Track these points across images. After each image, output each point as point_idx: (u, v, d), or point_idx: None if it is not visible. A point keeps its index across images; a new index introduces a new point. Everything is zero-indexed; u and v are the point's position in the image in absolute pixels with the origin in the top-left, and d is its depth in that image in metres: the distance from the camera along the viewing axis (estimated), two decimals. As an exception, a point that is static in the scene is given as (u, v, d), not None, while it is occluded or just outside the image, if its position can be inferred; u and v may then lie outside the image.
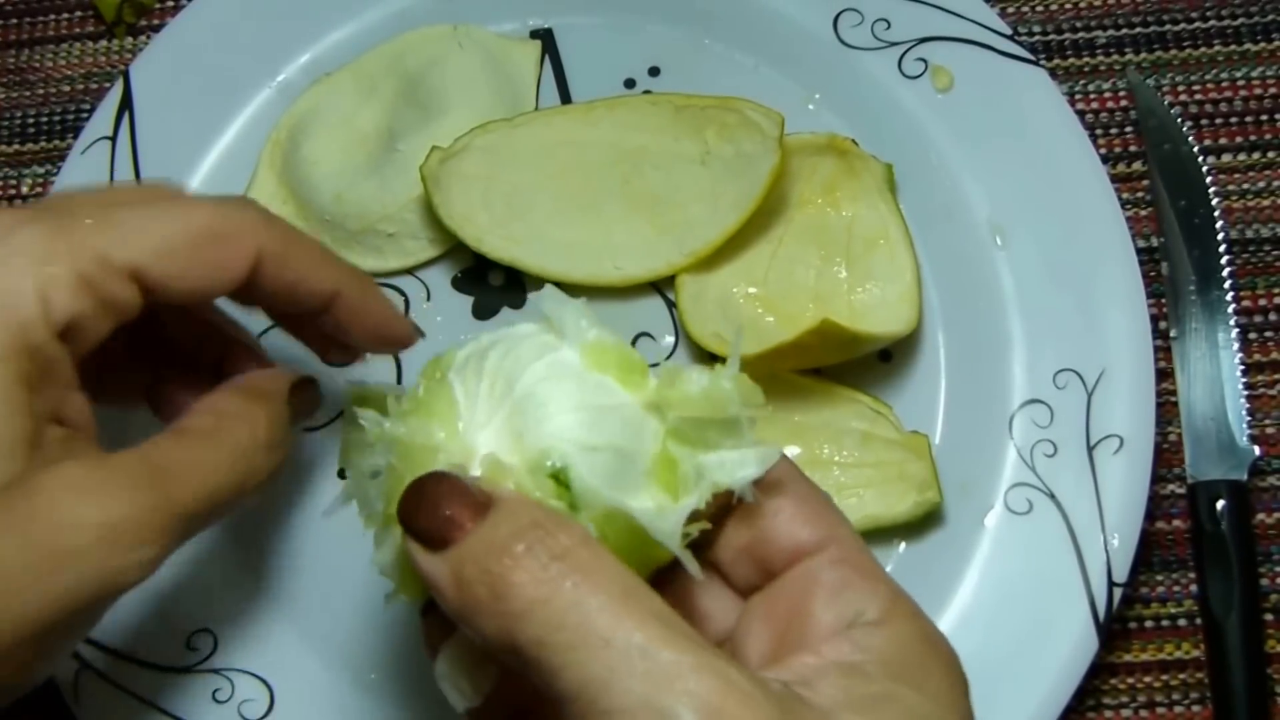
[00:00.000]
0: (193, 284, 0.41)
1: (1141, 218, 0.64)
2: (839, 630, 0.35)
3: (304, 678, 0.56)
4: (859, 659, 0.34)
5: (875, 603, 0.36)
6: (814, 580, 0.37)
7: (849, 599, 0.36)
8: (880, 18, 0.62)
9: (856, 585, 0.36)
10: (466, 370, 0.39)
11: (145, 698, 0.55)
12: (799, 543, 0.38)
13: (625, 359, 0.39)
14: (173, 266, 0.40)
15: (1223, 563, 0.57)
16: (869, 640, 0.35)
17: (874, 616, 0.35)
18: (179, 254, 0.41)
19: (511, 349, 0.39)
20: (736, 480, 0.37)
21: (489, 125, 0.61)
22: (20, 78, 0.70)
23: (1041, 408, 0.57)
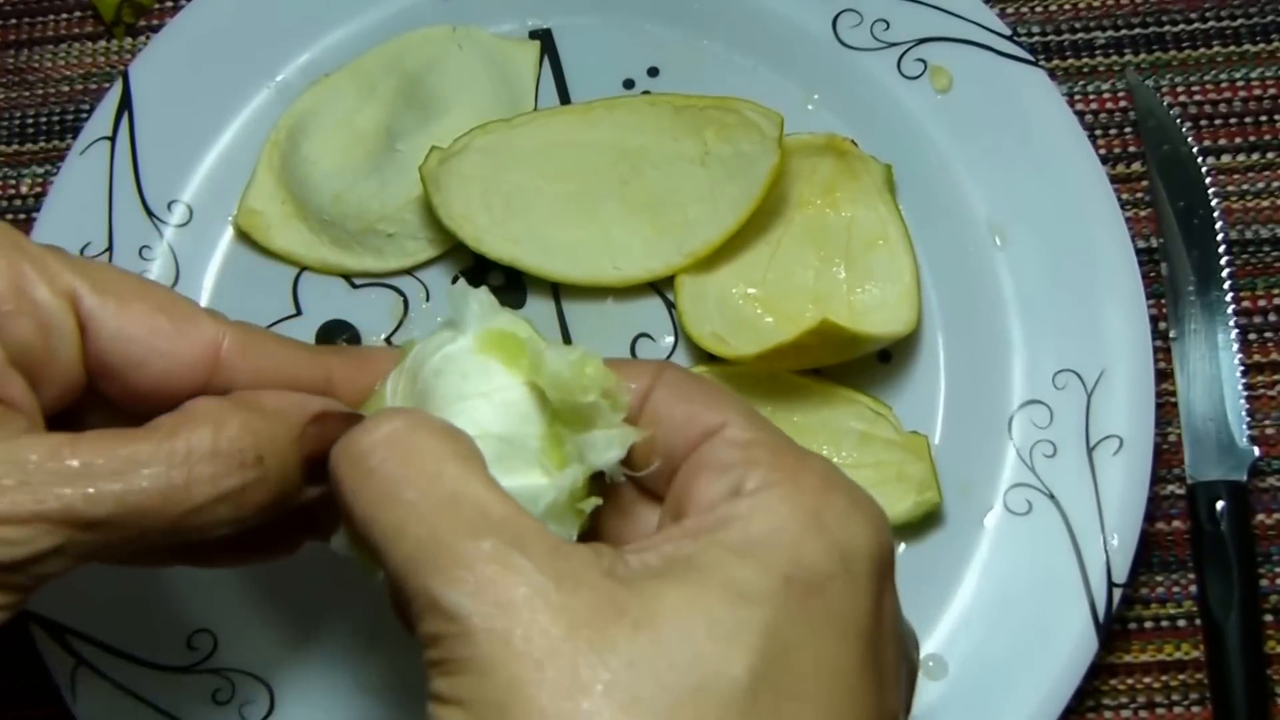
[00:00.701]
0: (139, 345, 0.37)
1: (1141, 218, 0.64)
2: (713, 504, 0.35)
3: (305, 679, 0.56)
4: (705, 527, 0.34)
5: (756, 472, 0.35)
6: (702, 462, 0.36)
7: (732, 473, 0.35)
8: (879, 18, 0.62)
9: (738, 458, 0.35)
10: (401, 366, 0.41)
11: (145, 697, 0.55)
12: (690, 436, 0.37)
13: (509, 341, 0.39)
14: (120, 314, 0.37)
15: (1222, 563, 0.57)
16: (732, 509, 0.34)
17: (752, 486, 0.35)
18: (127, 304, 0.37)
19: (424, 345, 0.40)
20: (604, 461, 0.38)
21: (488, 126, 0.61)
22: (19, 78, 0.70)
23: (1041, 408, 0.57)
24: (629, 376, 0.39)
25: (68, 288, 0.37)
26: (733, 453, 0.36)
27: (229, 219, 0.63)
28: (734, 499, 0.34)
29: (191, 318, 0.39)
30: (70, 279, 0.37)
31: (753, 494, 0.34)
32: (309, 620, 0.57)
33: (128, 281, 0.38)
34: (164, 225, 0.62)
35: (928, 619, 0.55)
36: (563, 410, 0.38)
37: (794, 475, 0.35)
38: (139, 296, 0.38)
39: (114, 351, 0.37)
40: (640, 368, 0.40)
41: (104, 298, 0.37)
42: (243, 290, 0.62)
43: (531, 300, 0.62)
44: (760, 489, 0.34)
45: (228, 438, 0.36)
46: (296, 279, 0.63)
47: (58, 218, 0.61)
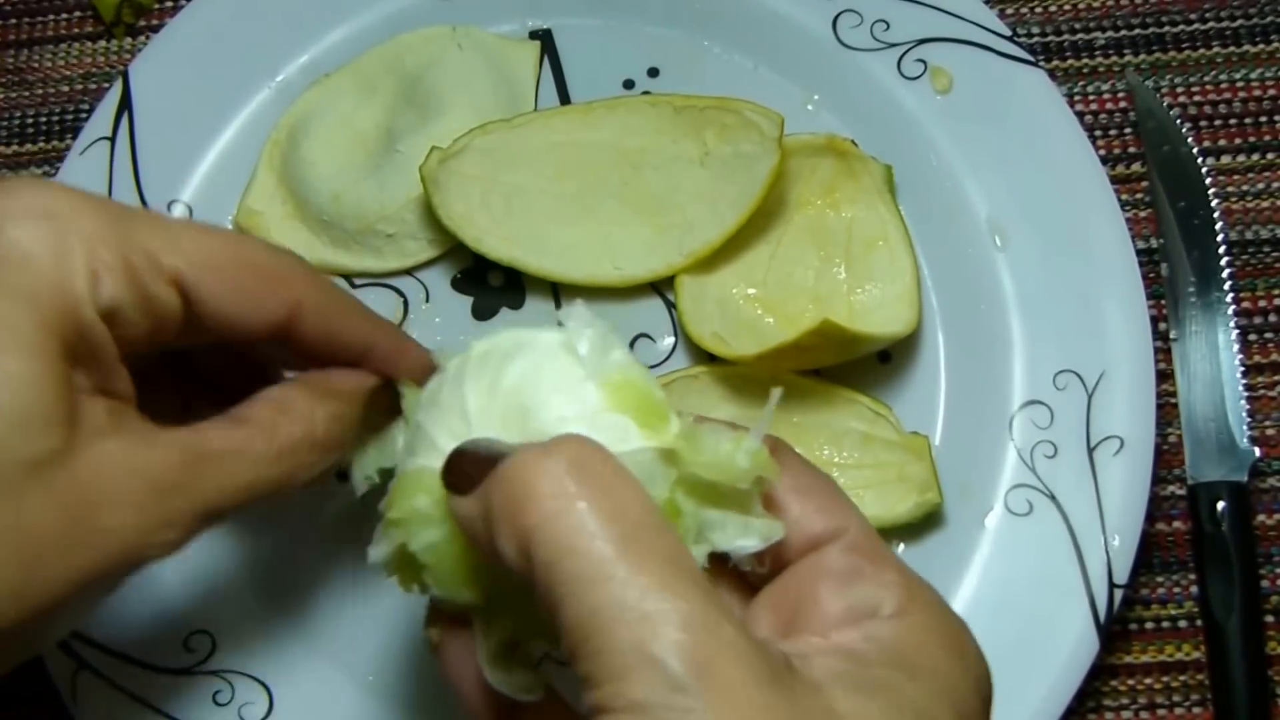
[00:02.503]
0: (232, 310, 0.41)
1: (1141, 219, 0.64)
2: (849, 620, 0.35)
3: (303, 680, 0.56)
4: (864, 647, 0.34)
5: (890, 595, 0.35)
6: (824, 569, 0.36)
7: (861, 589, 0.35)
8: (879, 19, 0.62)
9: (868, 574, 0.35)
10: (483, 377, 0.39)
11: (144, 699, 0.55)
12: (811, 534, 0.37)
13: (646, 400, 0.37)
14: (216, 286, 0.40)
15: (1223, 564, 0.57)
16: (879, 631, 0.34)
17: (890, 610, 0.35)
18: (224, 276, 0.41)
19: (533, 369, 0.38)
20: (734, 548, 0.36)
21: (488, 126, 0.61)
22: (19, 78, 0.70)
23: (1041, 409, 0.57)
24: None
25: (173, 271, 0.39)
26: (860, 564, 0.36)
27: (229, 219, 0.63)
28: (876, 620, 0.34)
29: (280, 279, 0.42)
30: (174, 260, 0.39)
31: (894, 619, 0.34)
32: (307, 621, 0.57)
33: (222, 244, 0.41)
34: (164, 225, 0.62)
35: (928, 619, 0.55)
36: (697, 483, 0.37)
37: (930, 607, 0.35)
38: (233, 260, 0.41)
39: (206, 311, 0.41)
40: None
41: (204, 271, 0.40)
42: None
43: (531, 300, 0.62)
44: (899, 615, 0.35)
45: (324, 430, 0.42)
46: (296, 279, 0.62)
47: (57, 218, 0.61)
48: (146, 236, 0.39)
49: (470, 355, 0.40)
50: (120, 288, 0.38)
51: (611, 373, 0.38)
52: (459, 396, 0.39)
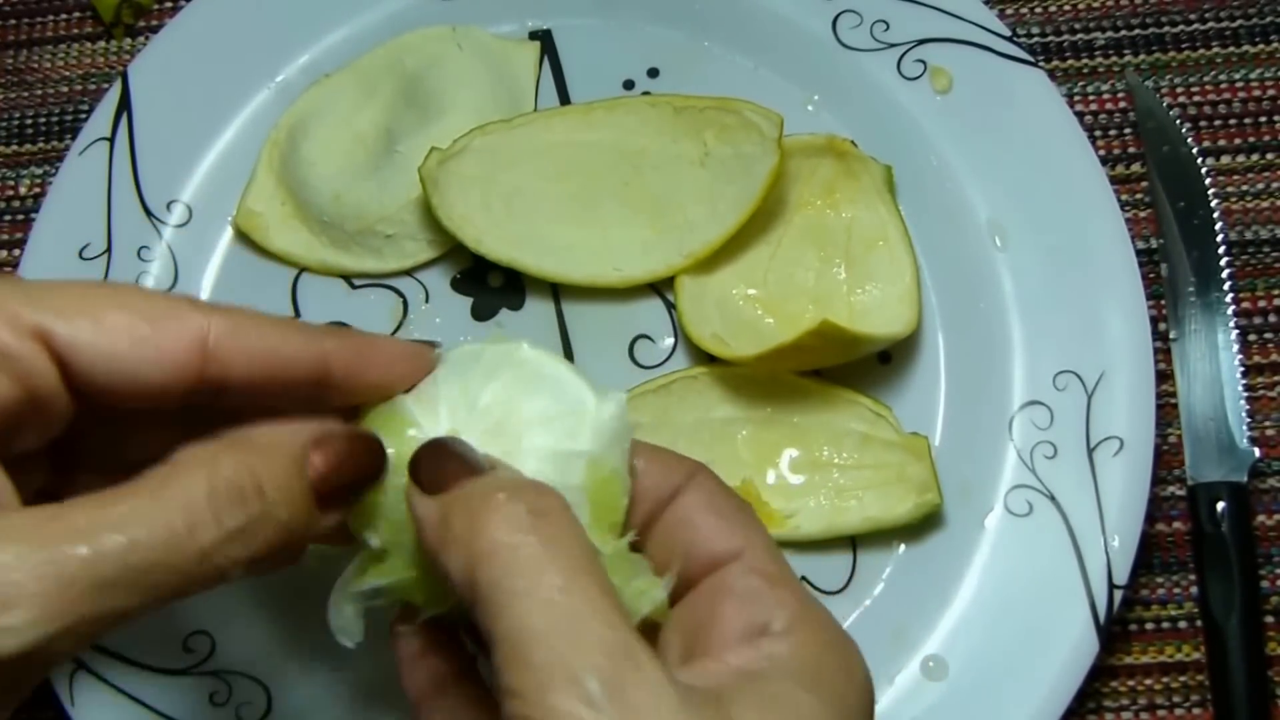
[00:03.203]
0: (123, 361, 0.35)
1: (1140, 219, 0.64)
2: (745, 639, 0.36)
3: (301, 680, 0.56)
4: (762, 665, 0.35)
5: (782, 613, 0.37)
6: (724, 589, 0.38)
7: (757, 608, 0.37)
8: (879, 19, 0.62)
9: (765, 594, 0.37)
10: (472, 376, 0.40)
11: (142, 700, 0.55)
12: (713, 553, 0.39)
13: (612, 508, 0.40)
14: (95, 335, 0.35)
15: (1223, 565, 0.57)
16: (773, 648, 0.36)
17: (780, 628, 0.36)
18: (103, 323, 0.35)
19: (518, 402, 0.40)
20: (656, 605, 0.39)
21: (488, 126, 0.61)
22: (18, 78, 0.70)
23: (1041, 409, 0.57)
24: (665, 468, 0.40)
25: (33, 325, 0.35)
26: (760, 586, 0.38)
27: (228, 219, 0.63)
28: (769, 637, 0.36)
29: (171, 314, 0.36)
30: (33, 314, 0.35)
31: (785, 635, 0.36)
32: (305, 621, 0.57)
33: (97, 294, 0.36)
34: (163, 226, 0.62)
35: (928, 619, 0.55)
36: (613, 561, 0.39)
37: (820, 624, 0.37)
38: (112, 306, 0.36)
39: (99, 370, 0.35)
40: (678, 464, 0.41)
41: (74, 321, 0.35)
42: (242, 291, 0.62)
43: (531, 301, 0.61)
44: (791, 631, 0.36)
45: (223, 477, 0.35)
46: (296, 280, 0.62)
47: (57, 218, 0.61)
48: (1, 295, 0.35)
49: (482, 352, 0.41)
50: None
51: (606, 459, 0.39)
52: (438, 390, 0.40)
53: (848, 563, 0.57)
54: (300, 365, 0.38)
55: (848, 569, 0.57)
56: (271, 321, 0.38)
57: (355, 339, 0.40)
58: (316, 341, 0.39)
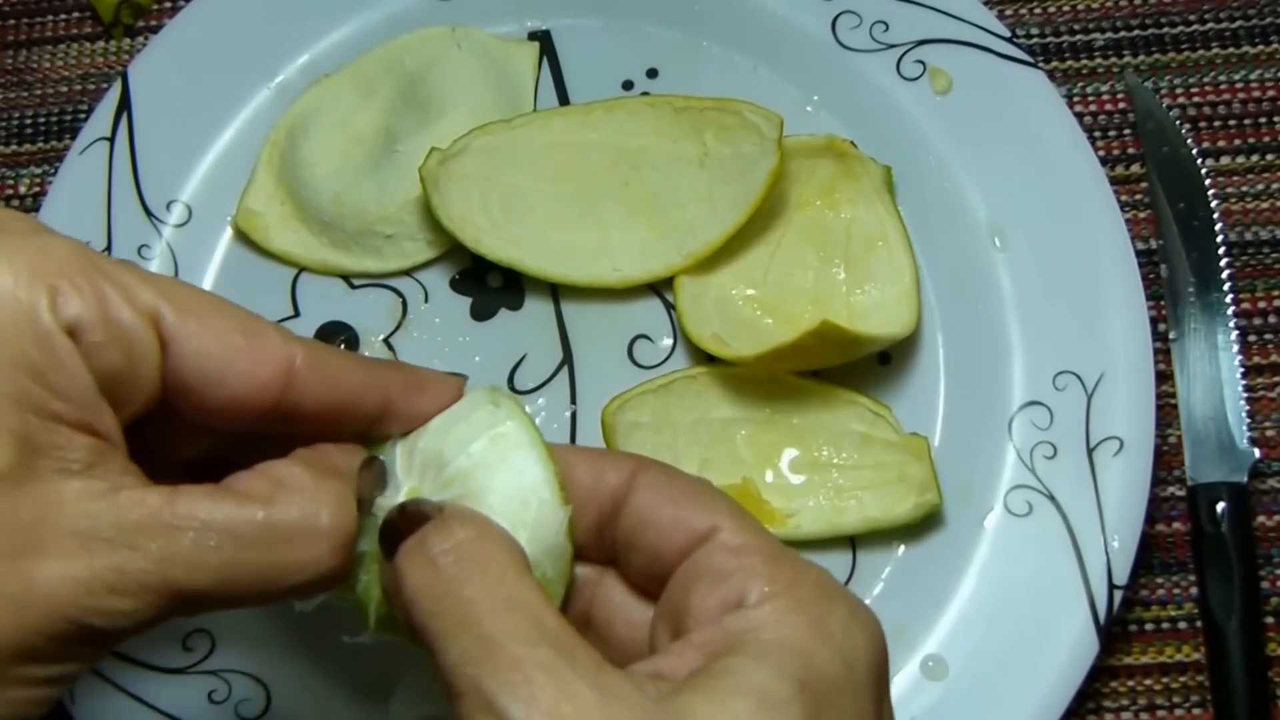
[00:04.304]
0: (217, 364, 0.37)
1: (1140, 220, 0.64)
2: (717, 615, 0.36)
3: (300, 678, 0.56)
4: (720, 641, 0.35)
5: (755, 583, 0.36)
6: (698, 570, 0.37)
7: (729, 584, 0.36)
8: (879, 20, 0.62)
9: (733, 569, 0.37)
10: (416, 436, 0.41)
11: (142, 698, 0.55)
12: (680, 544, 0.38)
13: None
14: (199, 333, 0.36)
15: (1223, 565, 0.57)
16: (740, 623, 0.35)
17: (755, 598, 0.36)
18: (207, 324, 0.37)
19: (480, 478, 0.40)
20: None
21: (487, 127, 0.61)
22: (18, 78, 0.70)
23: (1041, 410, 0.57)
24: (604, 469, 0.40)
25: (150, 307, 0.36)
26: (729, 561, 0.37)
27: (228, 219, 0.63)
28: (740, 611, 0.35)
29: (265, 335, 0.38)
30: (151, 297, 0.36)
31: (757, 606, 0.35)
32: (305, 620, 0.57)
33: (205, 299, 0.37)
34: (163, 225, 0.62)
35: (928, 619, 0.55)
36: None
37: (792, 585, 0.36)
38: (217, 312, 0.37)
39: (192, 369, 0.36)
40: (617, 463, 0.40)
41: (184, 315, 0.36)
42: (241, 291, 0.61)
43: (530, 301, 0.61)
44: (763, 601, 0.35)
45: (330, 516, 0.36)
46: (295, 280, 0.62)
47: (57, 218, 0.61)
48: (121, 271, 0.36)
49: (473, 411, 0.41)
50: (86, 306, 0.34)
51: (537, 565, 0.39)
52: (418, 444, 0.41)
53: (847, 563, 0.57)
54: (367, 400, 0.40)
55: (847, 569, 0.57)
56: (343, 355, 0.40)
57: (408, 372, 0.41)
58: (380, 376, 0.40)
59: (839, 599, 0.36)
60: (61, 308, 0.34)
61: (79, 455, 0.34)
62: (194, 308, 0.37)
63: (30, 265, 0.34)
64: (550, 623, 0.34)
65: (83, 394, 0.34)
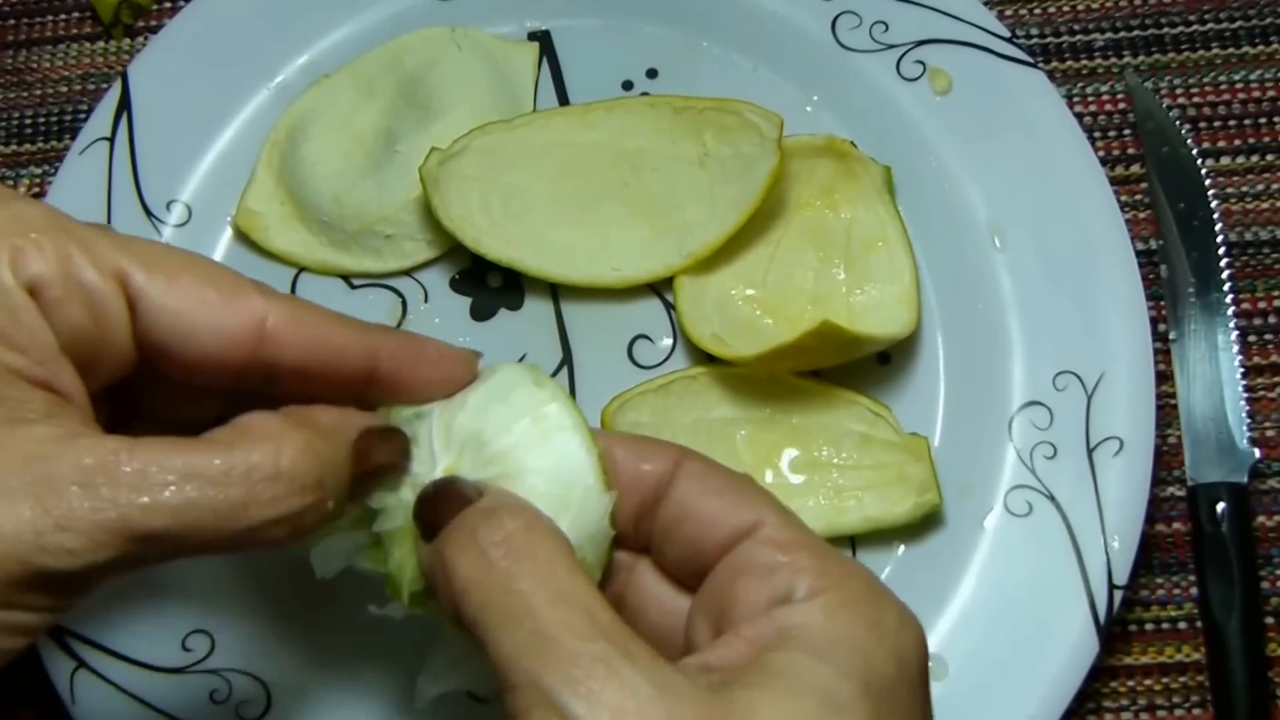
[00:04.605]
0: (188, 320, 0.37)
1: (1140, 220, 0.64)
2: (764, 611, 0.36)
3: (301, 677, 0.56)
4: (773, 636, 0.35)
5: (803, 578, 0.36)
6: (741, 565, 0.37)
7: (776, 579, 0.36)
8: (878, 20, 0.62)
9: (781, 562, 0.36)
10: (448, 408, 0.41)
11: (143, 698, 0.55)
12: (723, 536, 0.38)
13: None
14: (168, 290, 0.36)
15: (1223, 566, 0.57)
16: (790, 618, 0.35)
17: (803, 593, 0.36)
18: (176, 281, 0.37)
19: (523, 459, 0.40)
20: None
21: (487, 127, 0.61)
22: (18, 78, 0.70)
23: (1041, 410, 0.57)
24: (647, 457, 0.40)
25: (115, 267, 0.36)
26: (775, 556, 0.37)
27: (228, 219, 0.63)
28: (788, 605, 0.35)
29: (239, 290, 0.38)
30: (117, 257, 0.36)
31: (807, 601, 0.35)
32: (305, 619, 0.57)
33: (175, 256, 0.38)
34: (163, 225, 0.62)
35: (928, 619, 0.55)
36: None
37: (842, 582, 0.36)
38: (186, 270, 0.37)
39: (163, 326, 0.37)
40: (657, 450, 0.40)
41: (152, 274, 0.36)
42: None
43: (530, 301, 0.61)
44: (812, 596, 0.36)
45: (290, 459, 0.35)
46: (295, 280, 0.62)
47: (56, 218, 0.61)
48: (89, 233, 0.36)
49: (512, 392, 0.41)
50: (48, 265, 0.35)
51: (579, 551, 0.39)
52: (455, 421, 0.41)
53: (847, 563, 0.57)
54: (350, 359, 0.39)
55: (847, 569, 0.57)
56: (326, 314, 0.40)
57: (405, 338, 0.41)
58: (367, 337, 0.40)
59: (888, 598, 0.37)
60: (22, 265, 0.35)
61: (35, 408, 0.34)
62: (163, 265, 0.37)
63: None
64: (604, 617, 0.34)
65: (40, 349, 0.35)
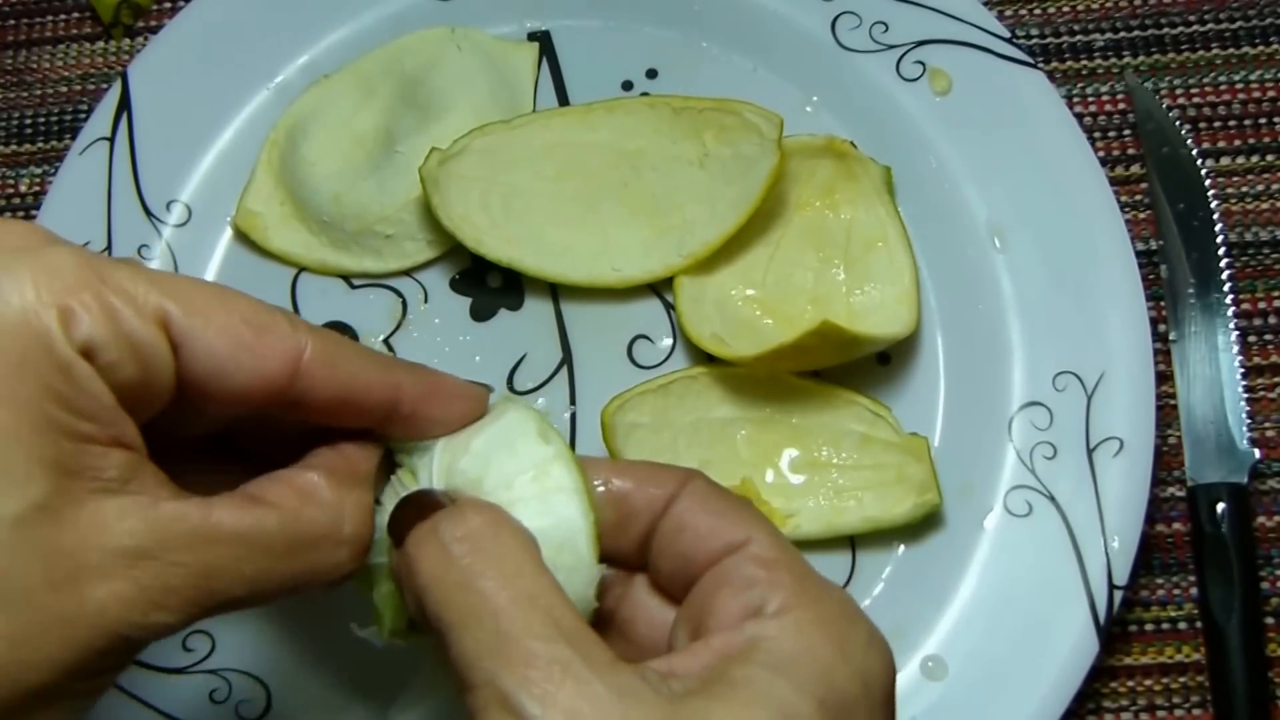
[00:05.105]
0: (227, 360, 0.37)
1: (1140, 220, 0.64)
2: (738, 621, 0.36)
3: (301, 677, 0.56)
4: (739, 647, 0.35)
5: (777, 594, 0.36)
6: (724, 577, 0.38)
7: (753, 592, 0.37)
8: (878, 20, 0.62)
9: (760, 578, 0.37)
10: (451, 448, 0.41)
11: (143, 698, 0.55)
12: (713, 550, 0.39)
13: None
14: (207, 331, 0.37)
15: (1223, 566, 0.57)
16: (759, 630, 0.35)
17: (774, 608, 0.36)
18: (215, 320, 0.37)
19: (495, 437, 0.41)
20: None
21: (487, 127, 0.61)
22: (18, 79, 0.70)
23: (1041, 410, 0.57)
24: (656, 481, 0.41)
25: (157, 311, 0.36)
26: (756, 571, 0.37)
27: (227, 219, 0.63)
28: (760, 619, 0.36)
29: (274, 328, 0.38)
30: (159, 300, 0.36)
31: (778, 615, 0.36)
32: (305, 619, 0.57)
33: (210, 292, 0.38)
34: (162, 225, 0.62)
35: (928, 620, 0.55)
36: None
37: (816, 602, 0.37)
38: (223, 307, 0.37)
39: (200, 366, 0.37)
40: (667, 475, 0.41)
41: (191, 315, 0.37)
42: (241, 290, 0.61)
43: (530, 301, 0.61)
44: (784, 611, 0.36)
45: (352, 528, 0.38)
46: (295, 280, 0.62)
47: (57, 217, 0.61)
48: (126, 278, 0.36)
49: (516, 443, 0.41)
50: (97, 325, 0.34)
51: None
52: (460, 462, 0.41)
53: (847, 563, 0.57)
54: (375, 394, 0.40)
55: (847, 569, 0.57)
56: (356, 349, 0.40)
57: (425, 375, 0.42)
58: (393, 374, 0.40)
59: (860, 621, 0.37)
60: (74, 330, 0.34)
61: (114, 473, 0.34)
62: (200, 305, 0.37)
63: (37, 287, 0.34)
64: (567, 620, 0.34)
65: (106, 412, 0.35)
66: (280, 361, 0.38)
